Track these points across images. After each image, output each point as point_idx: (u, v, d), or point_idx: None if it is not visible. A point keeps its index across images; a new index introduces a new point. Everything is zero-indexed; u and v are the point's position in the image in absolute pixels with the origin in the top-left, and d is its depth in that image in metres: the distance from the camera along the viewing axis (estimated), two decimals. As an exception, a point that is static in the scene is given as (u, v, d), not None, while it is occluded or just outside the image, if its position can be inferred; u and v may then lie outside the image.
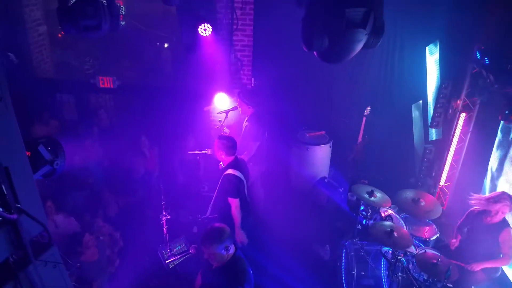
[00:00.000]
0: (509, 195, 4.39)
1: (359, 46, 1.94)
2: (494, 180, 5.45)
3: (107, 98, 7.98)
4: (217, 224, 3.20)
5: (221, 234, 3.09)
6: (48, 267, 1.74)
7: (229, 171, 4.43)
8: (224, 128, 5.72)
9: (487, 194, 4.73)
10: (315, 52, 2.04)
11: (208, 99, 6.32)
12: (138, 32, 8.40)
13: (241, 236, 4.40)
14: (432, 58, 6.32)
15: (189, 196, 6.21)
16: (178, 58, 7.92)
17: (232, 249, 3.18)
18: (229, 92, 6.31)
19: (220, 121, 5.87)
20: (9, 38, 6.71)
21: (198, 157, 4.89)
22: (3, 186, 1.50)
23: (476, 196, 4.63)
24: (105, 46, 8.48)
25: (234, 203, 4.36)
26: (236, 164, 4.53)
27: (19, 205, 1.58)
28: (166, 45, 7.98)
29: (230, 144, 4.46)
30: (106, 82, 7.12)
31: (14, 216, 1.51)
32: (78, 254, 4.52)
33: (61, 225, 4.85)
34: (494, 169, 5.45)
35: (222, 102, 6.14)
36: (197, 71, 6.50)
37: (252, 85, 6.61)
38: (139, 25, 8.20)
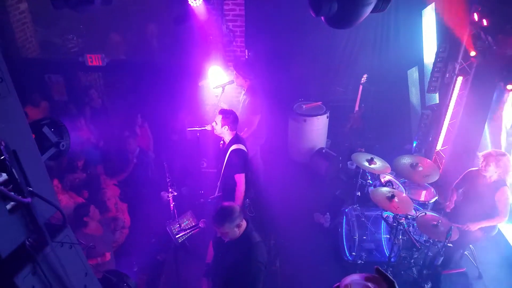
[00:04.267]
0: (496, 153, 4.46)
1: (368, 10, 1.87)
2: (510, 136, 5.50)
3: (96, 77, 7.78)
4: (226, 204, 3.18)
5: (231, 213, 3.08)
6: (65, 248, 1.73)
7: (236, 146, 4.38)
8: (221, 103, 5.62)
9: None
10: (322, 18, 1.97)
11: (202, 74, 6.19)
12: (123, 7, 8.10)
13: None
14: (428, 21, 6.23)
15: (188, 173, 6.20)
16: (167, 32, 7.70)
17: (243, 225, 3.18)
18: (224, 65, 6.18)
19: (216, 96, 5.76)
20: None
21: (198, 134, 4.83)
22: (13, 170, 1.45)
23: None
24: (88, 22, 8.19)
25: (242, 178, 4.34)
26: (238, 139, 4.48)
27: (31, 188, 1.54)
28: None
29: (234, 118, 4.41)
30: (94, 60, 6.92)
31: (28, 200, 1.47)
32: (82, 224, 4.36)
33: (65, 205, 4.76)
34: (508, 126, 5.49)
35: (217, 76, 6.02)
36: (189, 44, 6.33)
37: (246, 57, 6.47)
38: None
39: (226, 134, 4.45)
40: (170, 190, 3.91)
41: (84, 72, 7.38)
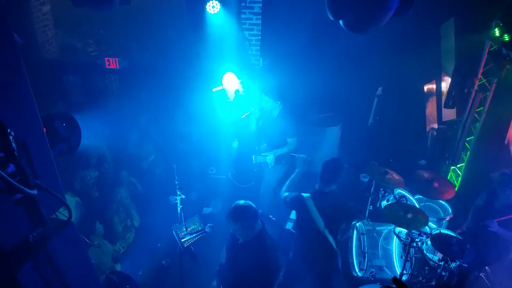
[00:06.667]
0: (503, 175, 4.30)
1: (389, 13, 1.82)
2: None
3: (113, 80, 7.88)
4: (242, 202, 3.16)
5: (246, 213, 3.07)
6: (68, 244, 1.70)
7: None
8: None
9: None
10: (341, 22, 1.93)
11: (217, 80, 6.20)
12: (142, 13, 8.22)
13: None
14: (447, 36, 6.14)
15: (197, 178, 6.18)
16: (184, 38, 7.77)
17: (257, 227, 3.16)
18: (238, 73, 6.18)
19: (229, 100, 5.76)
20: (12, 19, 6.59)
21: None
22: (21, 161, 1.43)
23: None
24: (109, 28, 8.33)
25: None
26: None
27: (37, 181, 1.52)
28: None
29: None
30: (112, 63, 7.01)
31: (34, 192, 1.45)
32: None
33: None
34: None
35: (231, 82, 6.01)
36: (205, 51, 6.36)
37: (261, 65, 6.48)
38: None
39: None
40: (178, 193, 3.88)
41: (101, 74, 7.48)
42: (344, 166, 3.99)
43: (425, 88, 6.89)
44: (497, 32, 4.89)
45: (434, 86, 6.80)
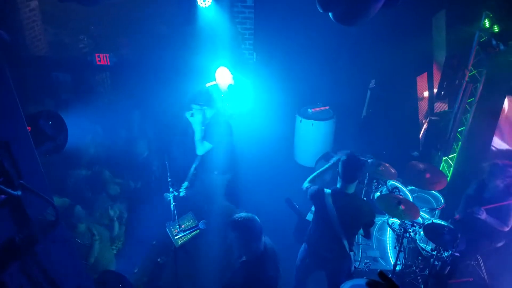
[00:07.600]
0: (494, 165, 4.32)
1: (378, 5, 1.80)
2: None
3: (104, 76, 7.80)
4: (245, 214, 2.88)
5: (246, 224, 2.79)
6: (57, 245, 1.67)
7: None
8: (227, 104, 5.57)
9: None
10: (330, 14, 1.90)
11: (210, 75, 6.15)
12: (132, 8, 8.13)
13: None
14: (438, 28, 6.15)
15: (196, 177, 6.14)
16: (176, 33, 7.70)
17: (258, 248, 2.88)
18: (232, 67, 6.14)
19: (222, 95, 5.72)
20: (-1, 15, 6.48)
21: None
22: (4, 162, 1.40)
23: None
24: (99, 24, 8.23)
25: None
26: None
27: (22, 181, 1.49)
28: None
29: None
30: (102, 59, 6.93)
31: (18, 193, 1.42)
32: (73, 226, 4.29)
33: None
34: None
35: (224, 77, 5.97)
36: (197, 46, 6.31)
37: (254, 59, 6.45)
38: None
39: None
40: (171, 190, 3.84)
41: (92, 71, 7.39)
42: (364, 161, 3.77)
43: (417, 79, 6.90)
44: (487, 23, 4.92)
45: (426, 78, 6.82)
